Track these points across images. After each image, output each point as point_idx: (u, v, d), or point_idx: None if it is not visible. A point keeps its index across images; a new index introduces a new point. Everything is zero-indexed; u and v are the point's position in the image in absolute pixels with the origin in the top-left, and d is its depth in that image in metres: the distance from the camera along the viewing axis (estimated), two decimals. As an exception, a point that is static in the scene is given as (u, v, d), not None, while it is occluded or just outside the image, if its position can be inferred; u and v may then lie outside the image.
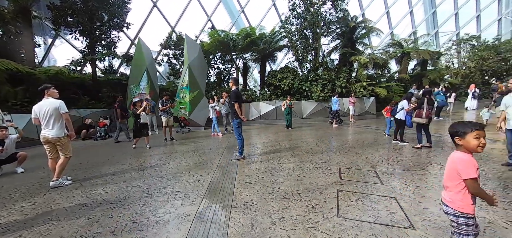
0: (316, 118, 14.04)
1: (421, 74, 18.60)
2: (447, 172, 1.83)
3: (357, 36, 16.20)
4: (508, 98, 4.35)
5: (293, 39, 15.32)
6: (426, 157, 5.41)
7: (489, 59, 19.00)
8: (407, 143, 6.78)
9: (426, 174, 4.32)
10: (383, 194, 3.51)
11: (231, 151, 6.59)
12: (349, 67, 15.55)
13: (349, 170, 4.67)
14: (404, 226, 2.65)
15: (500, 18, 26.53)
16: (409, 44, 18.99)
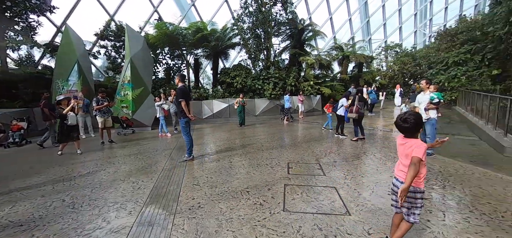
0: (268, 115, 14.43)
1: (358, 75, 21.01)
2: (403, 156, 2.03)
3: (305, 38, 17.28)
4: (421, 96, 5.21)
5: (245, 37, 15.37)
6: (361, 148, 6.09)
7: (408, 64, 22.77)
8: (346, 137, 7.53)
9: (361, 163, 4.85)
10: (325, 184, 3.78)
11: (180, 153, 6.19)
12: (298, 67, 16.46)
13: (296, 164, 4.90)
14: (342, 213, 2.88)
15: (416, 31, 32.12)
16: (348, 48, 21.21)
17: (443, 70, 15.24)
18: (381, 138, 7.32)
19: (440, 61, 15.85)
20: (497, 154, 5.44)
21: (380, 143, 6.60)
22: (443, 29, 17.62)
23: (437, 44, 17.97)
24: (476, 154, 5.45)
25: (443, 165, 4.59)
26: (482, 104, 8.63)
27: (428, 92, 5.08)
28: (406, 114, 2.00)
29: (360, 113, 6.80)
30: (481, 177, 3.91)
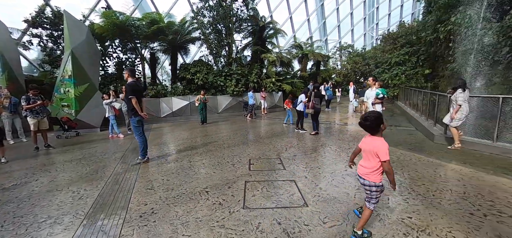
0: (231, 112, 14.28)
1: (316, 73, 22.26)
2: (368, 156, 2.18)
3: (266, 35, 17.53)
4: (368, 91, 5.72)
5: (206, 32, 14.87)
6: (319, 142, 6.42)
7: (359, 63, 25.04)
8: (306, 131, 7.86)
9: (318, 156, 5.09)
10: (285, 178, 3.85)
11: (134, 155, 5.66)
12: (260, 64, 16.63)
13: (258, 160, 4.90)
14: (300, 205, 2.95)
15: (365, 33, 35.46)
16: (307, 47, 22.27)
17: (387, 69, 17.11)
18: (336, 132, 7.84)
19: (385, 61, 17.76)
20: (429, 141, 6.30)
21: (336, 136, 7.07)
22: (386, 33, 19.75)
23: (382, 46, 20.09)
24: (413, 142, 6.23)
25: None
26: (417, 99, 9.95)
27: (374, 88, 5.59)
28: (367, 114, 2.16)
29: (316, 108, 7.15)
30: (417, 162, 4.46)
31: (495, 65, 9.00)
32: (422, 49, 15.08)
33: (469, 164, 4.31)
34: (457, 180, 3.62)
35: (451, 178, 3.69)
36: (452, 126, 5.30)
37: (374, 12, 34.54)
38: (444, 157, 4.79)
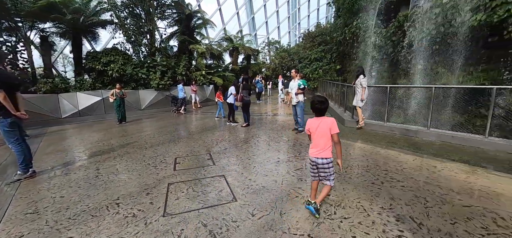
0: (157, 108, 12.89)
1: (247, 66, 22.76)
2: (321, 135, 2.34)
3: (194, 25, 16.58)
4: (292, 83, 6.09)
5: (121, 16, 12.76)
6: (250, 133, 6.46)
7: (285, 58, 27.15)
8: (237, 123, 7.82)
9: (249, 147, 5.08)
10: (214, 174, 3.61)
11: (13, 170, 4.21)
12: (188, 55, 15.62)
13: (185, 158, 4.47)
14: (228, 200, 2.79)
15: (289, 31, 38.69)
16: (238, 40, 22.43)
17: (308, 64, 19.14)
18: (266, 122, 8.12)
19: (306, 57, 19.79)
20: (342, 126, 7.31)
21: (266, 127, 7.30)
22: (307, 32, 22.02)
23: (303, 43, 22.30)
24: (329, 128, 7.09)
25: (310, 139, 5.60)
26: (332, 90, 11.49)
27: (297, 79, 6.00)
28: (321, 98, 2.39)
29: (245, 101, 7.16)
30: (332, 145, 5.04)
31: (384, 62, 11.28)
32: (334, 47, 17.48)
33: (369, 142, 5.18)
34: (362, 156, 4.26)
35: (357, 155, 4.32)
36: (359, 107, 6.33)
37: (296, 12, 37.99)
38: (352, 138, 5.62)
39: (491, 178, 3.19)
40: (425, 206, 2.57)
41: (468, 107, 6.26)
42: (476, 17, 6.70)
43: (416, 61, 8.89)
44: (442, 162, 3.82)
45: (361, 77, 6.24)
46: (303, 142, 5.30)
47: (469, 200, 2.66)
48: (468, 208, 2.50)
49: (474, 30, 6.93)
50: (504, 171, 3.57)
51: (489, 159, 4.08)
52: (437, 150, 4.60)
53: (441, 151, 4.53)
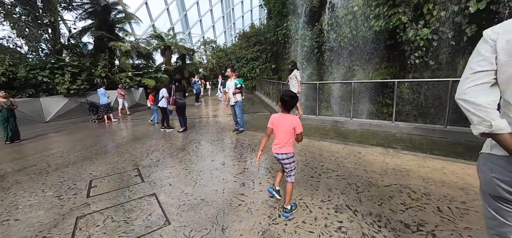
0: (69, 118, 10.52)
1: (182, 66, 21.38)
2: (283, 132, 2.35)
3: (114, 19, 14.35)
4: (229, 82, 5.88)
5: (5, 2, 9.80)
6: (187, 139, 5.91)
7: (223, 58, 26.83)
8: (173, 129, 7.09)
9: (186, 155, 4.59)
10: (143, 194, 3.04)
11: None
12: (109, 54, 13.42)
13: (104, 179, 3.65)
14: (159, 225, 2.33)
15: (225, 31, 38.48)
16: (170, 38, 20.77)
17: (245, 64, 19.43)
18: (206, 125, 7.67)
19: (243, 56, 20.02)
20: (279, 122, 7.58)
21: (205, 129, 6.86)
22: (242, 32, 22.31)
23: (239, 43, 22.51)
24: (269, 125, 7.22)
25: (251, 138, 5.52)
26: (269, 88, 11.90)
27: (233, 78, 5.83)
28: (290, 92, 2.38)
29: (179, 103, 6.55)
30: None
31: (312, 61, 12.40)
32: (268, 48, 18.25)
33: (305, 135, 5.47)
34: (300, 150, 4.42)
35: (296, 151, 4.45)
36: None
37: (231, 12, 38.12)
38: (290, 134, 5.84)
39: (400, 157, 3.77)
40: (357, 192, 2.77)
41: (378, 98, 7.47)
42: (378, 23, 8.02)
43: (337, 60, 10.10)
44: (365, 148, 4.33)
45: (295, 70, 6.63)
46: (244, 143, 5.16)
47: (388, 180, 3.03)
48: (389, 187, 2.83)
49: (377, 34, 8.31)
50: (407, 149, 4.31)
51: (396, 141, 4.88)
52: (360, 137, 5.24)
53: (362, 138, 5.18)
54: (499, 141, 1.01)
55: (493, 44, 1.02)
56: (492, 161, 1.10)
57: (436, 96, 6.61)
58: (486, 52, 1.04)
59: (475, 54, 1.09)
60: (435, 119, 5.69)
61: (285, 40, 14.14)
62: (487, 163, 1.13)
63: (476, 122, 1.04)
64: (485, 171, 1.14)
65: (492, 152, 1.11)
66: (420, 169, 3.28)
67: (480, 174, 1.20)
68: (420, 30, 6.95)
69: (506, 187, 1.04)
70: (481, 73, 1.04)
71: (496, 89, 1.04)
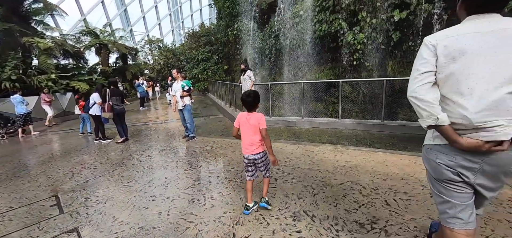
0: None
1: (124, 67, 19.11)
2: (252, 130, 2.28)
3: (30, 10, 11.78)
4: (175, 84, 5.33)
5: None
6: (127, 151, 5.11)
7: (171, 58, 25.08)
8: (110, 140, 6.10)
9: (124, 171, 3.91)
10: (59, 231, 2.37)
11: None
12: (23, 52, 10.94)
13: (3, 217, 2.76)
14: (80, 273, 1.80)
15: (173, 29, 36.17)
16: (106, 35, 18.29)
17: (196, 64, 18.54)
18: (151, 132, 6.85)
19: (193, 57, 19.06)
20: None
21: (150, 138, 6.10)
22: (191, 31, 21.24)
23: (189, 43, 21.38)
24: (222, 129, 6.89)
25: (203, 144, 5.10)
26: (222, 90, 11.53)
27: (180, 80, 5.31)
28: (248, 91, 2.32)
29: (117, 110, 5.66)
30: (227, 147, 4.79)
31: (263, 62, 12.54)
32: (220, 48, 17.81)
33: (260, 138, 5.36)
34: (255, 154, 4.24)
35: (251, 155, 4.26)
36: None
37: (178, 10, 36.11)
38: (245, 137, 5.65)
39: (349, 153, 3.96)
40: (313, 194, 2.72)
41: (325, 97, 7.94)
42: (321, 27, 8.53)
43: (288, 61, 10.44)
44: (317, 146, 4.43)
45: (249, 71, 6.50)
46: (195, 150, 4.72)
47: (341, 177, 3.09)
48: (342, 186, 2.87)
49: (322, 37, 8.86)
50: (354, 144, 4.59)
51: (344, 137, 5.18)
52: (311, 136, 5.39)
53: (314, 136, 5.34)
54: (441, 131, 1.18)
55: (433, 49, 1.17)
56: (436, 150, 1.28)
57: (373, 94, 7.37)
58: (428, 56, 1.19)
59: (419, 58, 1.23)
60: (374, 115, 6.31)
61: (237, 41, 13.98)
62: (432, 153, 1.30)
63: (425, 116, 1.17)
64: (431, 160, 1.31)
65: (434, 143, 1.29)
66: (366, 164, 3.47)
67: (427, 163, 1.35)
68: (357, 35, 7.66)
69: (451, 169, 1.22)
70: (426, 73, 1.18)
71: (436, 87, 1.20)
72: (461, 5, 1.23)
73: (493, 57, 1.06)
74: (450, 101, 1.16)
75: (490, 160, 1.13)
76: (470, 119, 1.09)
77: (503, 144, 1.07)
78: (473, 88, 1.09)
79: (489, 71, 1.07)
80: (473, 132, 1.12)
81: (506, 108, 1.05)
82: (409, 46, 7.28)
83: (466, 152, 1.16)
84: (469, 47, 1.10)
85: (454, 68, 1.13)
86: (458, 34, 1.14)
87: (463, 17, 1.21)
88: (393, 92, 6.18)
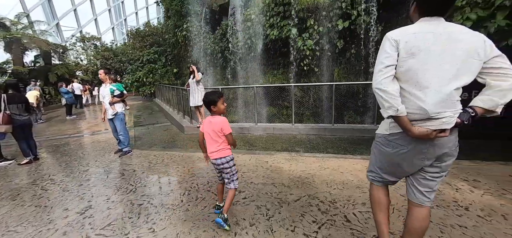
0: None
1: (46, 68, 15.88)
2: (212, 135, 2.15)
3: None
4: (102, 88, 4.36)
5: None
6: (32, 175, 3.89)
7: (111, 59, 22.07)
8: (12, 161, 4.63)
9: (16, 207, 2.83)
10: None
11: None
12: None
13: None
14: None
15: (113, 27, 32.17)
16: (20, 28, 14.93)
17: (141, 66, 16.68)
18: (74, 148, 5.52)
19: (137, 58, 17.12)
20: (181, 134, 6.53)
21: (71, 156, 4.86)
22: (134, 30, 19.09)
23: (132, 42, 19.19)
24: (167, 139, 6.04)
25: (140, 160, 4.26)
26: (170, 95, 10.45)
27: (108, 84, 4.36)
28: (208, 92, 2.21)
29: (18, 122, 4.30)
30: (169, 163, 4.07)
31: (215, 66, 11.95)
32: (168, 50, 16.43)
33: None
34: (202, 168, 3.67)
35: (199, 170, 3.68)
36: (201, 105, 5.89)
37: (120, 6, 32.47)
38: (192, 148, 4.99)
39: (304, 161, 3.75)
40: (267, 217, 2.33)
41: (278, 101, 7.86)
42: (272, 32, 8.49)
43: (240, 65, 10.12)
44: (271, 155, 4.12)
45: (199, 73, 5.92)
46: (127, 169, 3.86)
47: (297, 192, 2.80)
48: (299, 202, 2.57)
49: (273, 42, 8.82)
50: (308, 151, 4.46)
51: (298, 142, 5.04)
52: (266, 143, 5.09)
53: (268, 144, 5.05)
54: (398, 121, 1.29)
55: (396, 44, 1.26)
56: (392, 139, 1.41)
57: (323, 98, 7.60)
58: (390, 50, 1.27)
59: (382, 52, 1.31)
60: (325, 118, 6.43)
61: (186, 42, 13.05)
62: (387, 141, 1.44)
63: (386, 107, 1.27)
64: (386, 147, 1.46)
65: (391, 132, 1.41)
66: (322, 172, 3.30)
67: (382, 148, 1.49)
68: (306, 41, 7.84)
69: (401, 156, 1.38)
70: (389, 67, 1.27)
71: (396, 80, 1.30)
72: (415, 9, 1.36)
73: (443, 56, 1.20)
74: (408, 93, 1.27)
75: (436, 145, 1.29)
76: (427, 110, 1.21)
77: (445, 132, 1.23)
78: (429, 83, 1.21)
79: (441, 68, 1.20)
80: (424, 122, 1.25)
81: (452, 101, 1.21)
82: (351, 53, 7.80)
83: (417, 139, 1.29)
84: (424, 45, 1.22)
85: (412, 63, 1.23)
86: (415, 32, 1.25)
87: (416, 19, 1.34)
88: (341, 96, 6.43)
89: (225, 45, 10.92)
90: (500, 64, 1.19)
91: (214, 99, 2.11)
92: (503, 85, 1.17)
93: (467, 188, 2.73)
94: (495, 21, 3.39)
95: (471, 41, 1.19)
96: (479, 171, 3.12)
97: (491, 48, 1.20)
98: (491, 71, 1.20)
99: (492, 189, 2.69)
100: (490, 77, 1.21)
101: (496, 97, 1.18)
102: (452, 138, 1.29)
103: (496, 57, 1.19)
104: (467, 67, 1.19)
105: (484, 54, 1.19)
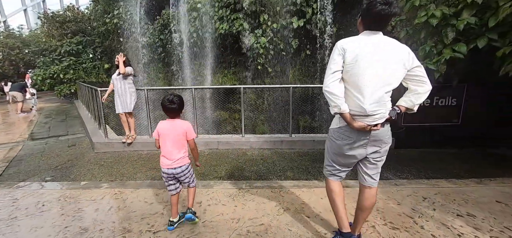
0: None
1: None
2: (175, 140, 2.02)
3: None
4: None
5: None
6: None
7: (16, 48, 17.19)
8: None
9: None
10: None
11: None
12: None
13: None
14: None
15: (26, 9, 25.75)
16: None
17: (58, 59, 13.26)
18: None
19: (53, 49, 13.58)
20: (89, 153, 4.67)
21: None
22: (50, 14, 15.15)
23: (47, 29, 15.26)
24: (62, 163, 4.13)
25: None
26: (88, 96, 8.10)
27: None
28: (171, 96, 2.02)
29: None
30: (34, 212, 2.42)
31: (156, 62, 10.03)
32: (97, 40, 13.50)
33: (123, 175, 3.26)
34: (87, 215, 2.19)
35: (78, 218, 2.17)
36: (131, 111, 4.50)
37: (37, -15, 26.34)
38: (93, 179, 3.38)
39: (255, 198, 2.61)
40: None
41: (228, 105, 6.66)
42: (222, 26, 7.27)
43: (183, 62, 8.58)
44: (209, 189, 2.86)
45: (128, 68, 4.28)
46: None
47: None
48: None
49: (223, 37, 7.60)
50: (261, 175, 3.38)
51: (248, 162, 3.91)
52: (205, 165, 3.81)
53: (208, 166, 3.78)
54: (343, 117, 1.54)
55: (343, 52, 1.49)
56: (341, 131, 1.62)
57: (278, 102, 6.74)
58: (338, 58, 1.50)
59: (331, 59, 1.53)
60: (281, 128, 5.51)
61: (119, 32, 10.74)
62: (337, 134, 1.65)
63: (333, 105, 1.53)
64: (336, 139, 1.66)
65: (340, 125, 1.63)
66: (280, 220, 2.21)
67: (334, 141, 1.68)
68: (259, 38, 6.88)
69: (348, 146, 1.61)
70: (336, 72, 1.51)
71: (342, 83, 1.55)
72: (360, 22, 1.56)
73: (378, 65, 1.44)
74: (352, 94, 1.51)
75: (372, 136, 1.54)
76: (365, 109, 1.46)
77: (378, 126, 1.50)
78: (367, 87, 1.45)
79: (376, 75, 1.44)
80: (363, 118, 1.50)
81: (384, 102, 1.48)
82: (307, 54, 7.17)
83: (358, 131, 1.53)
84: (364, 54, 1.44)
85: (355, 69, 1.46)
86: (359, 42, 1.48)
87: (361, 31, 1.56)
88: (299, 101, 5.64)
89: (168, 38, 9.18)
90: (418, 72, 1.50)
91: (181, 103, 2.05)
92: (419, 89, 1.52)
93: (469, 230, 2.03)
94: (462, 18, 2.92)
95: (400, 52, 1.46)
96: (465, 198, 2.53)
97: (413, 59, 1.48)
98: (413, 78, 1.52)
99: (494, 228, 2.05)
100: (412, 83, 1.54)
101: (414, 99, 1.54)
102: (385, 130, 1.57)
103: (416, 67, 1.49)
104: (396, 74, 1.47)
105: (408, 64, 1.47)
